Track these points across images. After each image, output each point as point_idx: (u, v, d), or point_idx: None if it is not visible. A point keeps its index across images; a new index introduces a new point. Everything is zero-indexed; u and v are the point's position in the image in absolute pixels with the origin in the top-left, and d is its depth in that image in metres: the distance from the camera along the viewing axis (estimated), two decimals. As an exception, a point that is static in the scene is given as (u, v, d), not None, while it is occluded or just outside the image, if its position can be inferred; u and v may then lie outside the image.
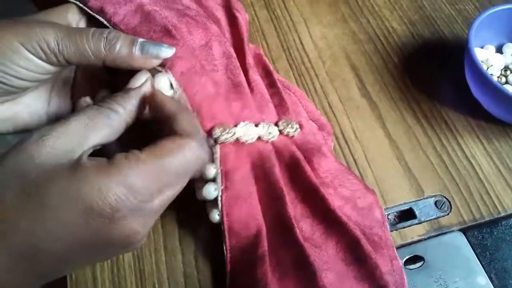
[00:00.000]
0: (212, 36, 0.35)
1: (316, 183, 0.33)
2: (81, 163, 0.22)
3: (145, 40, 0.29)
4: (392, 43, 0.47)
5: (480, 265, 0.33)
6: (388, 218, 0.35)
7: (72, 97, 0.34)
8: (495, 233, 0.34)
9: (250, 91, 0.35)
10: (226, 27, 0.40)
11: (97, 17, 0.32)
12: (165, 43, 0.31)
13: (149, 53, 0.29)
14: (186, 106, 0.30)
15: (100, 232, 0.22)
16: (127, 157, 0.23)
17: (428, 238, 0.34)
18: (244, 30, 0.40)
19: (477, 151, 0.39)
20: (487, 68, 0.42)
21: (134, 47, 0.29)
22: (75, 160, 0.23)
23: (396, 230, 0.34)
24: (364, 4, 0.51)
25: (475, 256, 0.33)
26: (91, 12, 0.32)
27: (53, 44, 0.27)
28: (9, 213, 0.21)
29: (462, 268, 0.33)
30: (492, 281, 0.32)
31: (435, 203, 0.36)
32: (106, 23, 0.32)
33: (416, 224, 0.35)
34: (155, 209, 0.24)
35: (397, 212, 0.36)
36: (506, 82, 0.41)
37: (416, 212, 0.35)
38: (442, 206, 0.36)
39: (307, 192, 0.33)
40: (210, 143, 0.31)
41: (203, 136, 0.29)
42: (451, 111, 0.42)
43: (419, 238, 0.34)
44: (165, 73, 0.30)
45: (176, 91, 0.30)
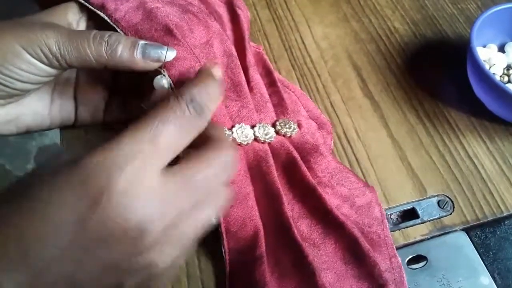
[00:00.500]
0: (214, 34, 0.35)
1: (313, 183, 0.33)
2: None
3: (146, 43, 0.29)
4: (394, 43, 0.47)
5: (483, 265, 0.33)
6: (391, 218, 0.35)
7: (75, 97, 0.34)
8: (498, 233, 0.34)
9: (250, 90, 0.35)
10: (228, 24, 0.40)
11: (98, 13, 0.31)
12: (166, 42, 0.31)
13: (151, 57, 0.29)
14: None
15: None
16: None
17: (431, 238, 0.34)
18: (246, 28, 0.40)
19: (480, 151, 0.39)
20: (490, 67, 0.42)
21: (136, 51, 0.28)
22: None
23: (399, 230, 0.34)
24: (366, 4, 0.51)
25: (478, 256, 0.33)
26: (92, 8, 0.31)
27: (55, 49, 0.27)
28: None
29: (465, 268, 0.32)
30: (495, 281, 0.32)
31: (438, 203, 0.36)
32: (107, 19, 0.31)
33: (419, 224, 0.35)
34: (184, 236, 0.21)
35: (400, 212, 0.36)
36: (509, 81, 0.41)
37: (419, 212, 0.35)
38: (445, 206, 0.36)
39: (304, 192, 0.33)
40: None
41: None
42: (454, 111, 0.42)
43: (422, 238, 0.34)
44: (164, 76, 0.30)
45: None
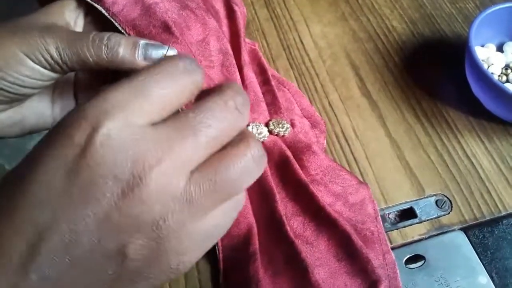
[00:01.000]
0: (210, 32, 0.34)
1: (306, 181, 0.33)
2: None
3: (147, 42, 0.29)
4: (393, 42, 0.47)
5: (481, 264, 0.33)
6: (389, 217, 0.35)
7: (75, 96, 0.33)
8: (496, 232, 0.34)
9: (244, 89, 0.35)
10: (224, 20, 0.40)
11: (96, 6, 0.31)
12: (164, 39, 0.30)
13: (152, 57, 0.28)
14: None
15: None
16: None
17: (429, 237, 0.34)
18: (242, 25, 0.40)
19: (478, 150, 0.39)
20: (488, 67, 0.42)
21: (137, 52, 0.28)
22: None
23: (397, 229, 0.34)
24: (364, 3, 0.51)
25: (476, 255, 0.33)
26: (90, 1, 0.31)
27: (56, 55, 0.26)
28: None
29: (463, 268, 0.32)
30: (493, 280, 0.32)
31: (436, 202, 0.36)
32: (105, 13, 0.31)
33: (417, 223, 0.35)
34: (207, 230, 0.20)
35: (398, 211, 0.36)
36: (507, 81, 0.41)
37: (417, 211, 0.35)
38: (443, 205, 0.36)
39: (297, 190, 0.33)
40: None
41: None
42: (452, 110, 0.42)
43: (420, 237, 0.34)
44: None
45: None
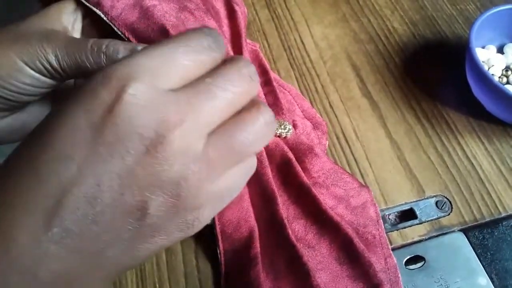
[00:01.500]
0: None
1: (308, 184, 0.33)
2: None
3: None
4: (393, 43, 0.47)
5: (481, 266, 0.33)
6: (389, 218, 0.35)
7: None
8: (496, 234, 0.34)
9: None
10: (225, 20, 0.40)
11: (95, 10, 0.31)
12: None
13: None
14: None
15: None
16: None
17: (429, 239, 0.34)
18: (242, 25, 0.39)
19: (478, 151, 0.39)
20: (488, 68, 0.42)
21: None
22: None
23: (397, 230, 0.34)
24: (365, 4, 0.51)
25: (476, 257, 0.33)
26: (88, 5, 0.31)
27: (55, 63, 0.27)
28: None
29: (463, 269, 0.32)
30: (493, 282, 0.32)
31: (436, 203, 0.36)
32: (104, 17, 0.31)
33: (417, 224, 0.35)
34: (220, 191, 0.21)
35: (398, 212, 0.36)
36: (507, 82, 0.41)
37: (417, 212, 0.35)
38: (443, 206, 0.36)
39: (299, 193, 0.33)
40: None
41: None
42: (452, 111, 0.42)
43: (420, 238, 0.34)
44: None
45: None
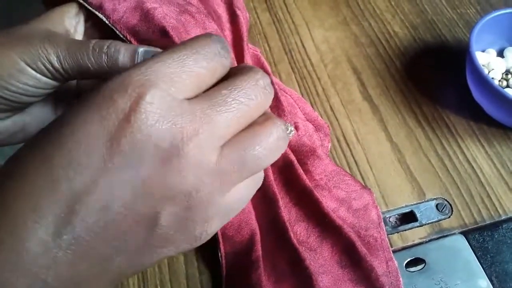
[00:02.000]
0: None
1: (310, 186, 0.33)
2: None
3: (146, 49, 0.29)
4: (394, 47, 0.48)
5: (481, 268, 0.33)
6: (390, 221, 0.35)
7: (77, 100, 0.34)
8: (496, 236, 0.35)
9: None
10: (227, 24, 0.40)
11: (97, 14, 0.31)
12: (163, 44, 0.30)
13: None
14: None
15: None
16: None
17: (429, 241, 0.34)
18: (245, 30, 0.40)
19: (478, 155, 0.39)
20: (488, 72, 0.42)
21: (136, 60, 0.28)
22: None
23: (398, 233, 0.35)
24: (366, 8, 0.51)
25: (476, 259, 0.33)
26: (91, 8, 0.31)
27: (57, 64, 0.27)
28: None
29: (463, 271, 0.33)
30: (493, 284, 0.32)
31: (436, 206, 0.36)
32: (106, 21, 0.31)
33: (417, 227, 0.35)
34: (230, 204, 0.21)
35: (399, 215, 0.36)
36: (507, 86, 0.41)
37: (417, 215, 0.35)
38: (443, 209, 0.36)
39: (301, 196, 0.33)
40: None
41: None
42: (453, 115, 0.42)
43: (420, 241, 0.34)
44: None
45: None
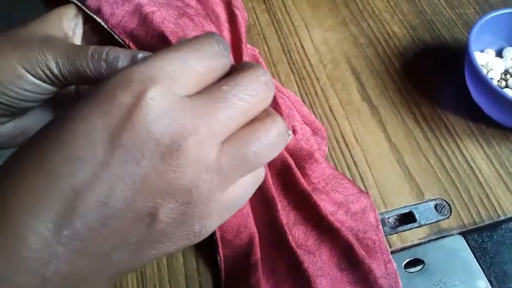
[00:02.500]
0: None
1: (308, 190, 0.33)
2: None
3: (145, 55, 0.28)
4: (393, 47, 0.48)
5: (480, 269, 0.33)
6: (388, 222, 0.35)
7: None
8: (495, 237, 0.35)
9: None
10: (225, 24, 0.40)
11: (95, 18, 0.31)
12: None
13: None
14: None
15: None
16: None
17: (428, 242, 0.34)
18: (243, 30, 0.40)
19: (477, 155, 0.39)
20: (487, 72, 0.42)
21: None
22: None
23: (396, 234, 0.35)
24: (365, 8, 0.51)
25: (475, 260, 0.33)
26: (89, 12, 0.31)
27: (56, 70, 0.27)
28: None
29: (462, 272, 0.33)
30: (492, 285, 0.32)
31: (435, 207, 0.36)
32: (104, 25, 0.31)
33: (416, 228, 0.35)
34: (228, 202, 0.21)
35: (397, 215, 0.36)
36: (506, 86, 0.41)
37: (416, 216, 0.35)
38: (442, 210, 0.36)
39: (299, 199, 0.33)
40: None
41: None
42: (451, 115, 0.42)
43: (419, 242, 0.34)
44: None
45: None
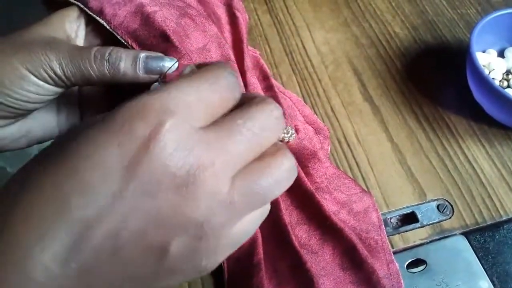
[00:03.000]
0: (211, 39, 0.34)
1: (311, 189, 0.33)
2: None
3: (148, 55, 0.29)
4: (395, 48, 0.48)
5: (482, 269, 0.33)
6: (391, 222, 0.36)
7: (79, 105, 0.34)
8: (497, 237, 0.35)
9: None
10: (226, 26, 0.40)
11: (97, 19, 0.31)
12: (164, 49, 0.30)
13: (153, 70, 0.29)
14: None
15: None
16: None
17: (430, 242, 0.34)
18: (244, 32, 0.40)
19: (479, 155, 0.39)
20: (489, 72, 0.42)
21: (138, 66, 0.28)
22: None
23: (399, 234, 0.35)
24: (367, 9, 0.52)
25: (477, 260, 0.33)
26: (91, 14, 0.31)
27: (59, 71, 0.27)
28: None
29: (464, 272, 0.33)
30: (494, 285, 0.32)
31: (437, 207, 0.36)
32: (106, 26, 0.31)
33: (419, 228, 0.35)
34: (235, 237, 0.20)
35: (400, 216, 0.36)
36: (508, 86, 0.41)
37: (419, 216, 0.35)
38: (444, 210, 0.36)
39: (302, 198, 0.33)
40: None
41: None
42: (453, 115, 0.42)
43: (422, 242, 0.34)
44: (162, 83, 0.30)
45: None
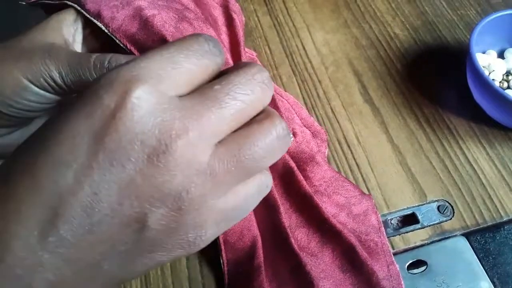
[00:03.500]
0: None
1: (310, 192, 0.33)
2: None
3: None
4: (395, 49, 0.48)
5: (483, 270, 0.33)
6: (391, 223, 0.36)
7: None
8: (498, 238, 0.35)
9: None
10: (223, 28, 0.40)
11: (95, 22, 0.31)
12: None
13: None
14: None
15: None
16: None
17: (431, 243, 0.34)
18: (241, 34, 0.40)
19: (480, 156, 0.39)
20: (489, 74, 0.42)
21: None
22: None
23: (399, 235, 0.35)
24: (367, 10, 0.52)
25: (478, 261, 0.33)
26: (89, 17, 0.31)
27: (59, 80, 0.27)
28: None
29: (465, 273, 0.33)
30: (495, 286, 0.32)
31: (438, 208, 0.36)
32: (105, 29, 0.31)
33: (419, 229, 0.35)
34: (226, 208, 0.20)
35: (400, 217, 0.36)
36: (508, 87, 0.41)
37: (419, 217, 0.35)
38: (445, 211, 0.36)
39: (302, 201, 0.33)
40: None
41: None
42: (454, 116, 0.42)
43: (422, 243, 0.34)
44: None
45: None
